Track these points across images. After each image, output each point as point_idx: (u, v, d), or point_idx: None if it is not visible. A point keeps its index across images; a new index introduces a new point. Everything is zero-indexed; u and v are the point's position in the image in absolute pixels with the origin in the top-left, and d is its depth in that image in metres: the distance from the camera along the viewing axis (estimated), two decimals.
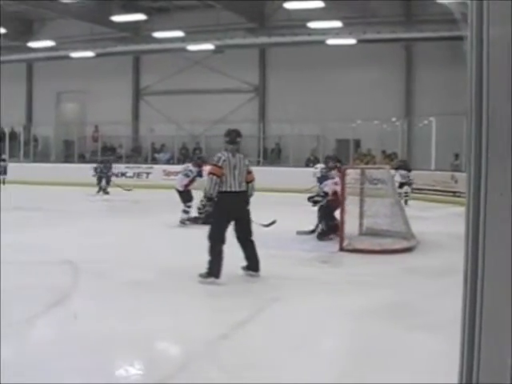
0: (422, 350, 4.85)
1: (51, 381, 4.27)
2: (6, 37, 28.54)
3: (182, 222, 13.17)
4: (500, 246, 1.50)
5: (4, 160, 27.70)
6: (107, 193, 21.89)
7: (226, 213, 7.58)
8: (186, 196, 13.36)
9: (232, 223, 7.62)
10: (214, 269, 7.33)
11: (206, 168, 13.38)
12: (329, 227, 11.24)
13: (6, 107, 30.69)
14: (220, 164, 7.57)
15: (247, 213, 7.74)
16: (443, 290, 6.46)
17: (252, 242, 7.73)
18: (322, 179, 12.19)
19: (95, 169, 22.50)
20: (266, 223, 8.73)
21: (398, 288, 7.42)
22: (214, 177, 7.52)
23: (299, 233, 11.58)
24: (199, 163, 14.10)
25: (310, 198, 11.83)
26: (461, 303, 1.65)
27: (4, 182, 26.04)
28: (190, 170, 13.56)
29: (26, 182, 25.97)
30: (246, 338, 5.36)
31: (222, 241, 7.43)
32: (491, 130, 1.48)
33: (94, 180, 22.19)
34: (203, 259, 7.31)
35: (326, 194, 11.40)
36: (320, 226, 11.45)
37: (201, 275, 7.34)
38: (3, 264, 8.46)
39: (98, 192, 22.05)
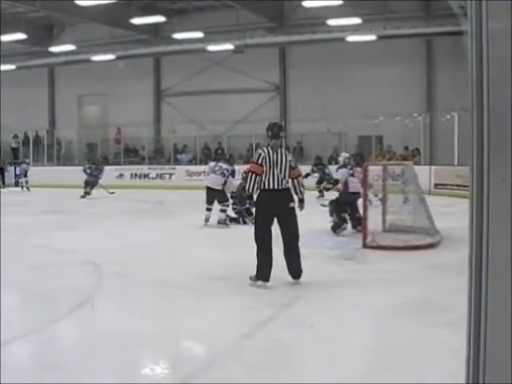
0: (446, 348, 4.83)
1: (76, 380, 4.32)
2: (27, 42, 28.82)
3: (221, 222, 13.06)
4: (504, 229, 1.50)
5: (27, 163, 27.97)
6: (88, 193, 21.06)
7: (267, 211, 7.21)
8: (223, 195, 13.20)
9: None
10: (262, 271, 7.10)
11: (241, 167, 13.48)
12: (340, 219, 11.44)
13: (30, 112, 31.06)
14: (259, 161, 7.22)
15: (291, 212, 7.25)
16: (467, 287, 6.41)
17: (296, 246, 7.25)
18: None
19: (85, 170, 21.63)
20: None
21: (421, 285, 7.37)
22: (254, 175, 7.22)
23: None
24: (231, 162, 14.06)
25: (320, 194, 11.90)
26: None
27: (28, 188, 26.31)
28: (226, 169, 13.29)
29: (50, 185, 26.24)
30: (269, 337, 5.37)
31: (267, 241, 7.12)
32: (492, 121, 1.48)
33: (117, 182, 22.05)
34: (229, 258, 7.32)
35: (336, 181, 11.42)
36: (332, 218, 11.53)
37: (251, 278, 7.17)
38: (29, 267, 8.60)
39: (84, 196, 21.01)
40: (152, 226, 13.78)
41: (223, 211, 13.16)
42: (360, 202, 11.08)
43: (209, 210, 13.17)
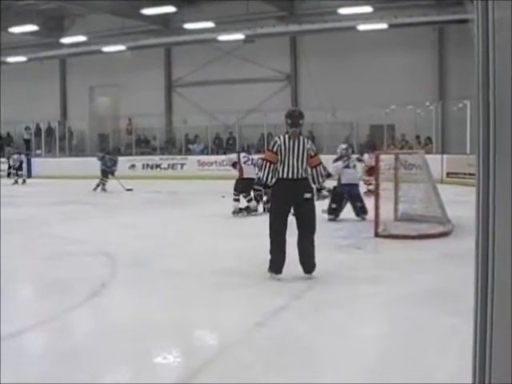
0: (459, 336, 4.83)
1: (90, 368, 4.36)
2: (38, 34, 28.91)
3: (253, 210, 13.21)
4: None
5: (20, 153, 27.23)
6: (103, 185, 20.36)
7: (281, 201, 6.95)
8: (253, 184, 13.32)
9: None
10: (274, 264, 6.92)
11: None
12: (330, 208, 11.89)
13: (41, 104, 31.19)
14: (274, 149, 6.95)
15: (307, 203, 6.94)
16: None
17: (311, 240, 6.97)
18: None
19: (100, 158, 20.77)
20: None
21: (433, 273, 7.37)
22: (268, 163, 6.97)
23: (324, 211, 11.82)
24: (250, 152, 14.12)
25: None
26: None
27: (24, 181, 25.59)
28: (253, 159, 13.32)
29: (62, 176, 26.36)
30: (281, 326, 5.39)
31: (282, 234, 6.88)
32: (498, 109, 1.48)
33: (129, 173, 21.85)
34: (243, 247, 7.29)
35: (329, 175, 11.52)
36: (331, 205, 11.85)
37: (268, 269, 6.96)
38: (43, 257, 8.66)
39: (96, 189, 20.39)
40: (165, 216, 13.83)
41: (256, 200, 13.42)
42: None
43: (243, 199, 13.27)
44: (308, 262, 6.95)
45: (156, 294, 6.57)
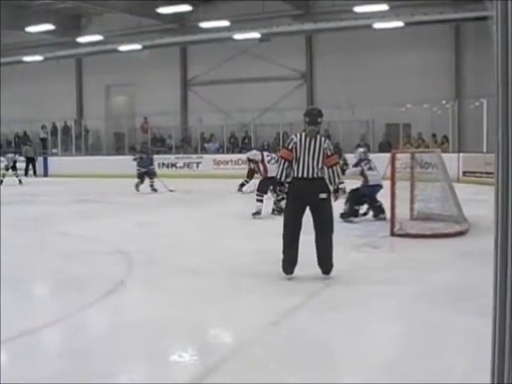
0: (475, 335, 4.81)
1: (105, 366, 4.38)
2: (54, 33, 29.06)
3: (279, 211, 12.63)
4: None
5: (15, 153, 26.63)
6: (155, 190, 19.24)
7: (295, 201, 6.82)
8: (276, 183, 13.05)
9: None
10: (286, 264, 6.86)
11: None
12: (352, 210, 11.66)
13: (58, 102, 31.38)
14: (289, 147, 6.86)
15: (323, 203, 6.81)
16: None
17: (329, 240, 6.87)
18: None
19: (136, 159, 19.70)
20: None
21: (450, 272, 7.34)
22: (283, 161, 6.88)
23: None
24: (270, 151, 14.04)
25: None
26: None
27: (20, 181, 24.20)
28: (275, 157, 13.00)
29: (78, 175, 26.48)
30: (297, 325, 5.38)
31: (295, 234, 6.80)
32: None
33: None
34: (258, 247, 7.29)
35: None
36: (345, 207, 11.61)
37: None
38: (58, 255, 8.71)
39: (138, 188, 19.29)
40: (181, 214, 13.84)
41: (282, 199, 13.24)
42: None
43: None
44: (326, 263, 6.88)
45: (171, 292, 6.59)
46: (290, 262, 6.85)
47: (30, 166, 29.45)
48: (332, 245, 6.87)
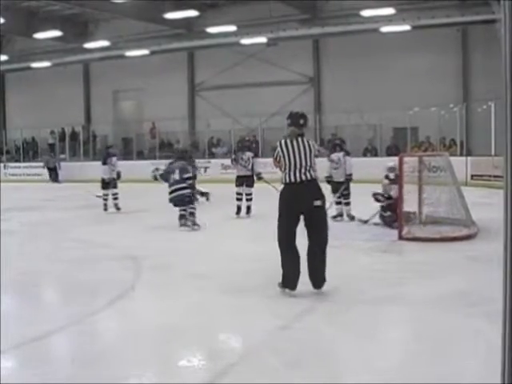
0: (483, 339, 4.80)
1: (117, 371, 4.39)
2: (62, 39, 29.17)
3: None
4: None
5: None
6: (208, 199, 17.51)
7: (288, 208, 6.33)
8: None
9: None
10: (287, 279, 6.38)
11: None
12: (388, 216, 11.44)
13: (66, 108, 31.50)
14: (276, 158, 6.52)
15: (318, 211, 6.35)
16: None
17: (321, 252, 6.39)
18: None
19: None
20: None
21: (458, 276, 7.33)
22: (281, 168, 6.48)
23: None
24: None
25: (375, 194, 11.84)
26: None
27: None
28: None
29: (86, 180, 26.52)
30: (305, 329, 5.38)
31: (290, 243, 6.33)
32: None
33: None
34: (267, 251, 7.24)
35: (390, 197, 11.38)
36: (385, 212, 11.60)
37: (279, 284, 6.44)
38: (68, 261, 8.73)
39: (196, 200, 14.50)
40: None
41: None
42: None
43: None
44: (318, 277, 6.40)
45: (180, 297, 6.60)
46: (292, 277, 6.38)
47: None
48: (325, 257, 6.41)
